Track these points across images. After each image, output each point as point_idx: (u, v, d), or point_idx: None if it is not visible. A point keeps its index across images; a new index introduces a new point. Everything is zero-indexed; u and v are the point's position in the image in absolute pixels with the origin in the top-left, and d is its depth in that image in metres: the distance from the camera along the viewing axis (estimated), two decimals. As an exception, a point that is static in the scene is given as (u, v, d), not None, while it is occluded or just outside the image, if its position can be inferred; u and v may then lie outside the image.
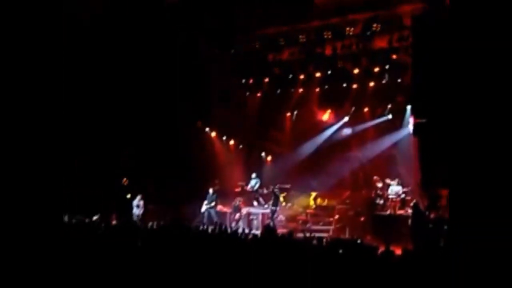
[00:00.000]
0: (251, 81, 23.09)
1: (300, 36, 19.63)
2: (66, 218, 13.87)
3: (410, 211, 17.76)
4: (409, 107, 19.67)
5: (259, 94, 23.67)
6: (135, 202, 20.02)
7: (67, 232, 10.63)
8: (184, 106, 21.14)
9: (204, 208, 20.28)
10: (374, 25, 18.30)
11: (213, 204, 20.24)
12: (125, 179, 20.17)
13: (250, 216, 20.64)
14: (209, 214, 20.15)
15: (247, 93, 23.81)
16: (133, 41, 18.58)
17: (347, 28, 18.71)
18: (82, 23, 16.91)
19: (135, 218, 19.15)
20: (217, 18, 18.82)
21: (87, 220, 14.61)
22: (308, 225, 19.60)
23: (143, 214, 19.66)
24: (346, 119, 22.64)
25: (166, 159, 21.29)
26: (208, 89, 21.96)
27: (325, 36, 19.23)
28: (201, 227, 16.16)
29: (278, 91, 23.03)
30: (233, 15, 18.69)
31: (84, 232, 11.00)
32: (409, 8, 16.65)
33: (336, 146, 22.61)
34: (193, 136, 22.38)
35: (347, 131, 22.67)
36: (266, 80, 22.76)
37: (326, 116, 23.24)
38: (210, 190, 20.41)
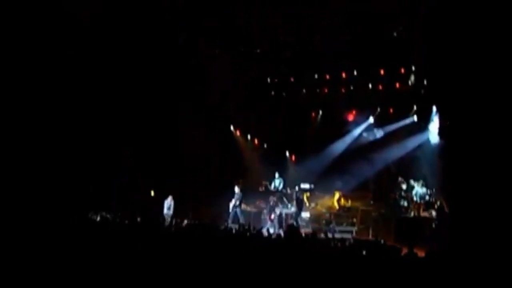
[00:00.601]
0: (275, 80, 23.19)
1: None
2: (91, 215, 14.10)
3: (434, 213, 17.67)
4: (434, 109, 19.54)
5: (284, 94, 23.69)
6: (166, 203, 20.12)
7: (91, 228, 10.79)
8: (205, 106, 21.33)
9: (231, 207, 20.32)
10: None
11: (238, 203, 20.27)
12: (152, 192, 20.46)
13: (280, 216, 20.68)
14: (235, 213, 20.21)
15: (272, 92, 23.81)
16: (133, 41, 18.67)
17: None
18: (82, 23, 17.08)
19: (166, 218, 19.22)
20: (220, 18, 18.77)
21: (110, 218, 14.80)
22: (331, 226, 19.58)
23: (174, 214, 19.79)
24: (371, 119, 22.47)
25: (191, 158, 21.48)
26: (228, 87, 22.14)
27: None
28: (226, 227, 16.27)
29: (304, 90, 23.05)
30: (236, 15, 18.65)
31: (106, 229, 11.13)
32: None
33: (361, 147, 22.49)
34: (217, 135, 22.52)
35: (379, 132, 22.44)
36: (292, 79, 22.85)
37: (351, 116, 23.10)
38: (236, 189, 20.44)
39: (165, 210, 20.02)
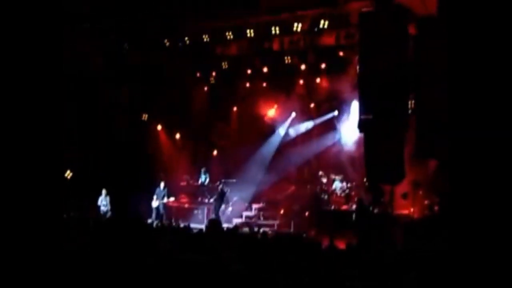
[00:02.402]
0: (198, 74, 22.84)
1: (248, 31, 19.34)
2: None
3: (354, 206, 18.02)
4: (353, 104, 19.85)
5: (206, 88, 23.45)
6: (101, 199, 19.31)
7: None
8: (126, 97, 20.81)
9: (155, 203, 19.94)
10: (322, 21, 18.22)
11: (164, 199, 19.99)
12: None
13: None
14: (158, 208, 19.92)
15: (194, 86, 23.47)
16: None
17: (295, 24, 18.55)
18: None
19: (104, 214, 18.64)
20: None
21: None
22: (253, 220, 19.61)
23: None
24: (293, 114, 22.57)
25: (111, 153, 20.85)
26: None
27: (273, 32, 19.07)
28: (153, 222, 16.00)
29: (225, 85, 22.88)
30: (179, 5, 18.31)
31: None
32: (357, 6, 16.68)
33: (283, 141, 22.66)
34: (137, 128, 22.04)
35: (301, 128, 22.54)
36: (213, 73, 22.62)
37: (272, 111, 23.08)
38: (162, 184, 20.13)
39: (102, 207, 19.20)
